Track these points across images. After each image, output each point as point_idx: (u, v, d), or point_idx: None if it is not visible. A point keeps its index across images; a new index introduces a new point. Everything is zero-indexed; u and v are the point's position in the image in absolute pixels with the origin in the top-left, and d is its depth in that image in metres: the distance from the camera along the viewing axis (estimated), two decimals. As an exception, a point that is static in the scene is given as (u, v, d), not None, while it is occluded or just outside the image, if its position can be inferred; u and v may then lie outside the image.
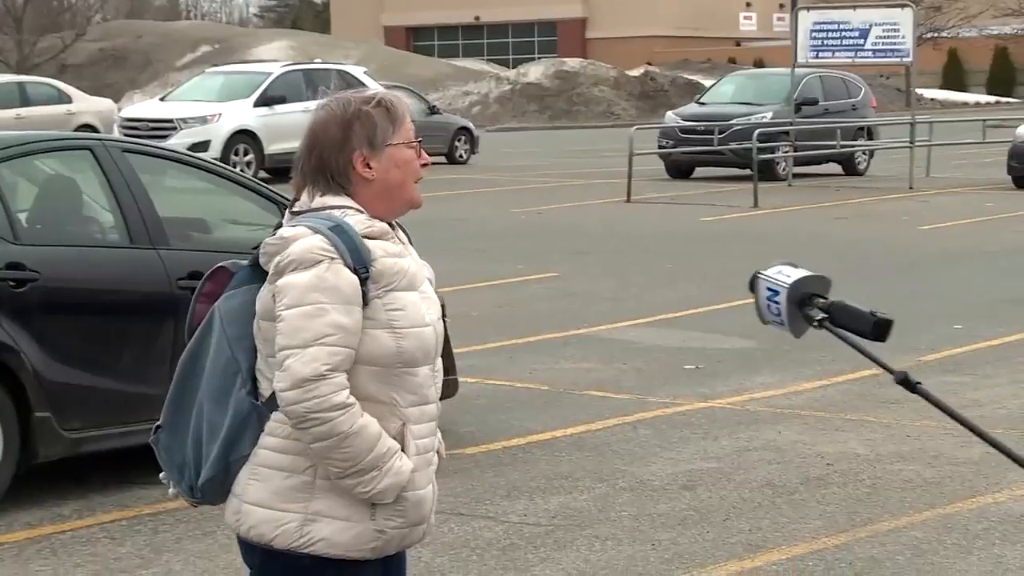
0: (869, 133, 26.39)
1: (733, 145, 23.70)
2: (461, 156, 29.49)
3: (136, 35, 56.63)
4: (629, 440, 7.78)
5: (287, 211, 3.11)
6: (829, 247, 15.89)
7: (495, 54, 68.88)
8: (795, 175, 24.03)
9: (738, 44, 69.70)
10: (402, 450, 3.04)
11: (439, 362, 3.16)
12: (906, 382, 2.94)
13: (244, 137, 24.12)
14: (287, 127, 24.22)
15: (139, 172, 7.04)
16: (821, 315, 3.03)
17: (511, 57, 67.08)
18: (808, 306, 3.05)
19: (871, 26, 24.30)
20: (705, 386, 9.09)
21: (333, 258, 2.96)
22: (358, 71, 26.92)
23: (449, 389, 7.93)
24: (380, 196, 3.08)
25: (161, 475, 3.18)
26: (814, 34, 24.60)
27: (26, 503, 6.53)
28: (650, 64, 57.20)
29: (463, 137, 29.72)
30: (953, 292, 12.81)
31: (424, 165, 3.15)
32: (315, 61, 30.91)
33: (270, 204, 7.38)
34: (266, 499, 3.01)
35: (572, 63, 50.90)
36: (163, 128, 24.03)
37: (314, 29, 70.40)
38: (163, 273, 6.83)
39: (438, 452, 3.20)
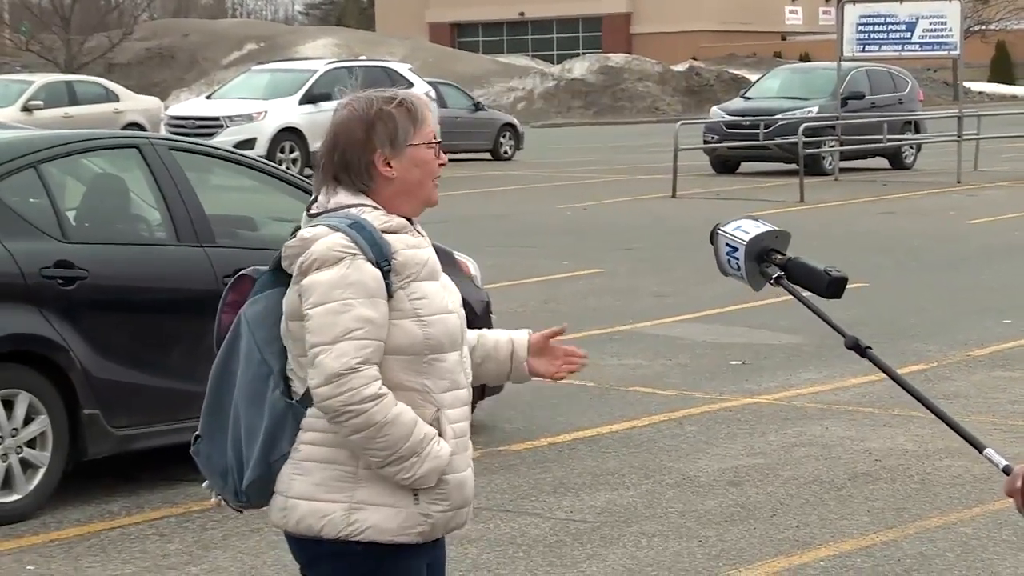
0: (916, 127, 26.19)
1: (779, 140, 23.58)
2: (506, 152, 29.48)
3: (182, 34, 56.96)
4: (675, 436, 7.76)
5: (304, 213, 3.17)
6: (876, 242, 15.79)
7: (540, 50, 68.84)
8: (841, 170, 23.89)
9: (784, 38, 69.35)
10: (440, 435, 3.10)
11: (466, 349, 3.23)
12: (856, 347, 2.95)
13: (290, 134, 24.21)
14: (332, 124, 24.28)
15: (186, 170, 7.08)
16: (778, 272, 3.03)
17: (555, 53, 67.01)
18: (766, 262, 3.04)
19: (918, 19, 24.12)
20: (751, 382, 9.05)
21: (355, 254, 3.03)
22: (403, 68, 26.98)
23: (495, 386, 7.94)
24: (399, 195, 3.14)
25: (204, 484, 3.24)
26: (860, 27, 24.44)
27: (76, 500, 6.58)
28: (695, 59, 57.01)
29: (508, 133, 29.72)
30: (1002, 287, 12.70)
31: (442, 165, 3.19)
32: (360, 58, 30.98)
33: (316, 201, 7.38)
34: (311, 491, 3.07)
35: (617, 58, 50.80)
36: (209, 126, 24.16)
37: (359, 26, 70.59)
38: (210, 271, 6.87)
39: None
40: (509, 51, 67.44)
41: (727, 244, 3.08)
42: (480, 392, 7.88)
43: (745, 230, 3.07)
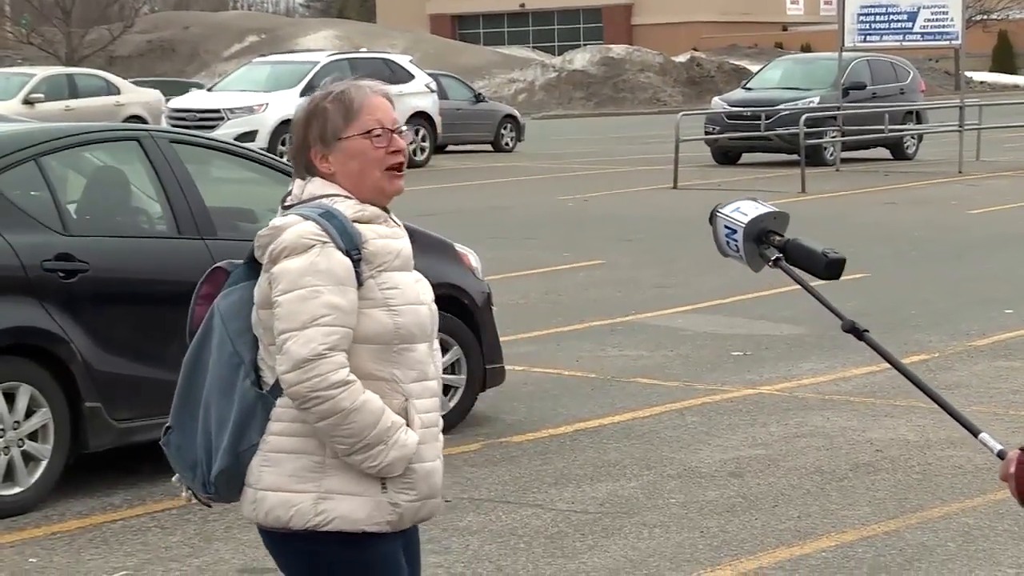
0: (918, 117, 26.17)
1: (780, 130, 23.56)
2: (507, 144, 29.47)
3: (183, 26, 56.94)
4: (677, 427, 7.76)
5: (280, 205, 3.19)
6: (878, 232, 15.78)
7: (541, 41, 68.78)
8: (843, 160, 23.86)
9: (785, 29, 69.28)
10: (407, 424, 3.11)
11: (437, 341, 3.24)
12: (854, 330, 2.96)
13: (287, 127, 24.20)
14: (333, 116, 24.29)
15: (186, 162, 7.07)
16: (776, 254, 3.04)
17: (556, 44, 66.97)
18: (764, 244, 3.05)
19: (919, 9, 24.09)
20: (753, 372, 9.05)
21: (325, 242, 3.06)
22: (404, 60, 26.96)
23: (496, 377, 7.95)
24: (350, 186, 3.15)
25: (174, 478, 3.25)
26: (861, 18, 24.41)
27: (77, 493, 6.58)
28: (696, 50, 56.96)
29: (509, 125, 29.70)
30: (1004, 276, 12.69)
31: (395, 152, 3.16)
32: (361, 50, 30.97)
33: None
34: (279, 482, 3.09)
35: (618, 49, 50.76)
36: (210, 118, 24.16)
37: (360, 18, 70.54)
38: (210, 263, 6.81)
39: None
40: (510, 42, 67.38)
41: (726, 226, 3.08)
42: (482, 383, 7.88)
43: (744, 212, 3.08)
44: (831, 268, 3.01)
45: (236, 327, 3.13)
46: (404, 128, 3.20)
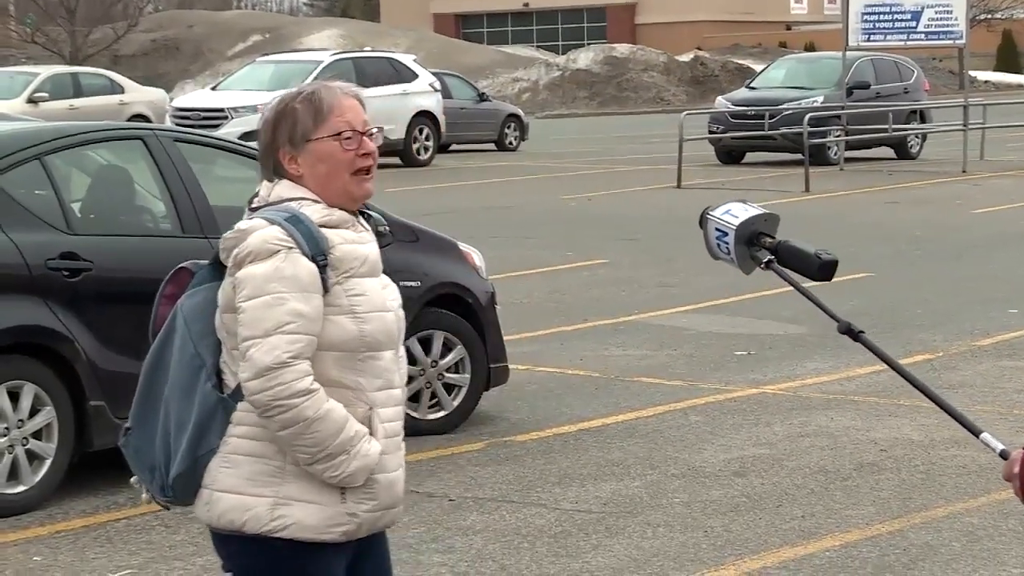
0: (922, 116, 26.14)
1: (784, 130, 23.55)
2: (511, 143, 29.47)
3: (187, 25, 56.96)
4: (680, 427, 7.76)
5: (247, 207, 3.16)
6: (881, 232, 15.77)
7: (544, 40, 68.77)
8: (847, 159, 23.85)
9: (789, 28, 69.24)
10: (371, 433, 3.07)
11: (403, 348, 3.20)
12: (850, 331, 2.95)
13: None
14: (337, 115, 24.28)
15: (190, 161, 7.08)
16: (768, 256, 3.02)
17: (560, 43, 66.94)
18: (756, 246, 3.04)
19: (923, 8, 24.07)
20: (756, 372, 9.05)
21: (290, 248, 3.01)
22: (407, 59, 26.96)
23: (500, 376, 7.95)
24: (318, 189, 3.11)
25: (132, 479, 3.22)
26: (865, 17, 24.39)
27: (81, 492, 6.59)
28: (700, 49, 56.94)
29: (512, 124, 29.70)
30: (1008, 276, 12.68)
31: (364, 155, 3.12)
32: (365, 49, 30.96)
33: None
34: (237, 485, 3.05)
35: (622, 49, 50.74)
36: (214, 117, 24.16)
37: (363, 17, 70.54)
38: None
39: None
40: (514, 42, 67.38)
41: (717, 228, 3.07)
42: (486, 382, 7.88)
43: (734, 214, 3.06)
44: (824, 270, 2.99)
45: (199, 329, 3.09)
46: (375, 130, 3.16)
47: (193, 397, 3.07)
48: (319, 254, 3.02)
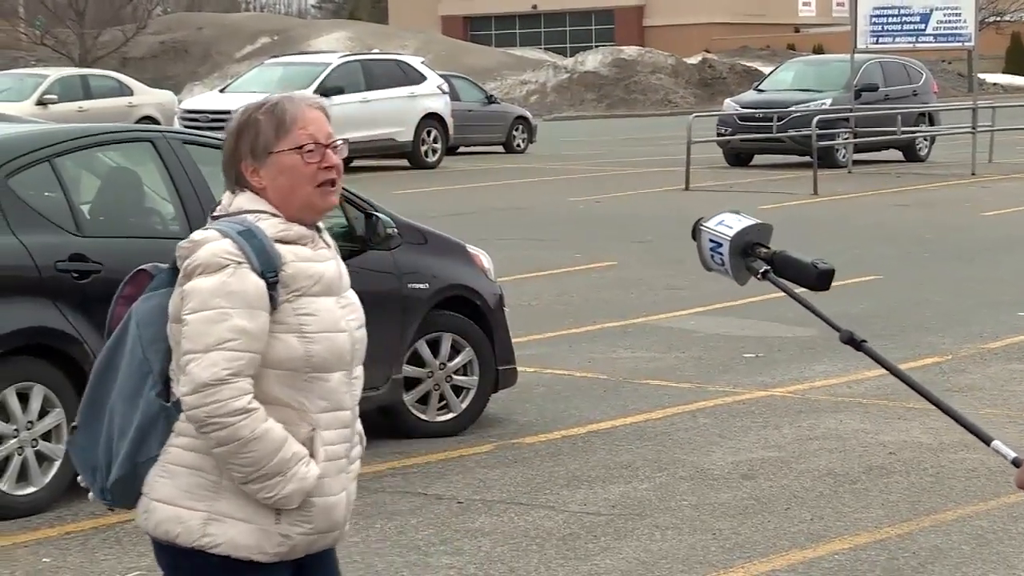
0: (930, 119, 26.12)
1: (792, 132, 23.53)
2: (519, 145, 29.47)
3: (196, 27, 57.02)
4: (689, 429, 7.75)
5: (209, 215, 3.13)
6: (889, 234, 15.75)
7: (552, 43, 68.77)
8: (855, 162, 23.83)
9: (797, 30, 69.20)
10: (311, 456, 3.03)
11: (359, 370, 3.14)
12: (852, 341, 2.92)
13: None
14: (345, 118, 24.29)
15: (199, 163, 7.08)
16: (764, 267, 3.00)
17: (568, 46, 66.94)
18: (751, 256, 3.02)
19: (932, 10, 24.05)
20: (765, 375, 9.04)
21: (240, 263, 2.97)
22: (416, 61, 26.97)
23: (508, 379, 7.95)
24: (279, 202, 3.07)
25: (79, 478, 3.20)
26: (874, 19, 24.37)
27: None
28: (708, 51, 56.91)
29: (521, 126, 29.70)
30: (1016, 279, 12.66)
31: (328, 168, 3.07)
32: (373, 51, 30.98)
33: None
34: (172, 496, 3.03)
35: (630, 51, 50.73)
36: (223, 120, 24.14)
37: (371, 19, 70.60)
38: (224, 264, 6.86)
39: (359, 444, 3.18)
40: (522, 44, 67.38)
41: (711, 239, 3.04)
42: (494, 385, 7.89)
43: (728, 224, 3.03)
44: (822, 279, 2.97)
45: (149, 334, 3.05)
46: (339, 142, 3.12)
47: (137, 403, 3.04)
48: (269, 270, 2.98)
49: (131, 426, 3.04)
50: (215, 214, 3.11)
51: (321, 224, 3.13)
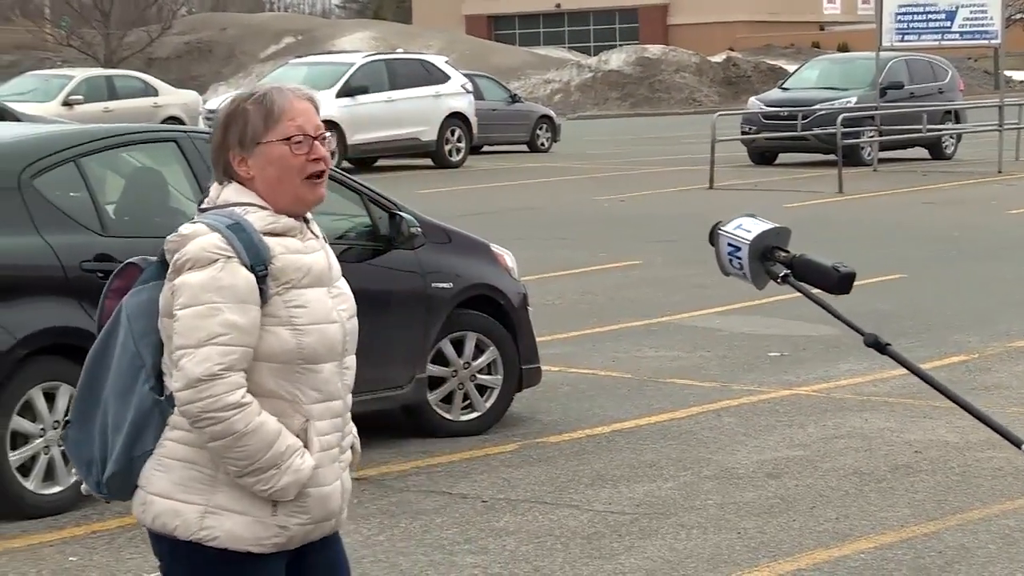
0: (956, 117, 26.00)
1: (817, 130, 23.45)
2: (543, 144, 29.47)
3: (220, 28, 57.19)
4: (713, 428, 7.74)
5: (196, 207, 3.14)
6: (915, 233, 15.69)
7: (576, 42, 68.74)
8: (880, 160, 23.74)
9: (822, 28, 69.00)
10: (305, 447, 3.04)
11: (350, 359, 3.15)
12: (876, 344, 2.91)
13: (327, 127, 24.22)
14: (370, 117, 24.35)
15: (224, 163, 7.09)
16: (784, 271, 2.99)
17: (592, 44, 66.90)
18: (770, 260, 3.01)
19: (958, 8, 23.94)
20: (790, 373, 9.02)
21: (229, 257, 2.98)
22: (440, 60, 26.99)
23: (532, 378, 7.95)
24: (267, 193, 3.07)
25: (74, 472, 3.22)
26: (899, 17, 24.28)
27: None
28: (732, 50, 56.79)
29: (544, 125, 29.69)
30: (1044, 277, 12.59)
31: (316, 160, 3.08)
32: (397, 51, 31.02)
33: (353, 194, 7.41)
34: (168, 489, 3.04)
35: (654, 50, 50.66)
36: (247, 120, 24.20)
37: (396, 19, 70.69)
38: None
39: (352, 448, 3.20)
40: (546, 43, 67.36)
41: (729, 244, 3.03)
42: (518, 384, 7.88)
43: (747, 228, 3.02)
44: (843, 283, 2.96)
45: (140, 328, 3.06)
46: (328, 135, 3.14)
47: (131, 397, 3.05)
48: (259, 264, 2.98)
49: (126, 420, 3.05)
50: (202, 206, 3.11)
51: (309, 215, 3.14)
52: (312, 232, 3.13)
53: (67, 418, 3.23)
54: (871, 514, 6.21)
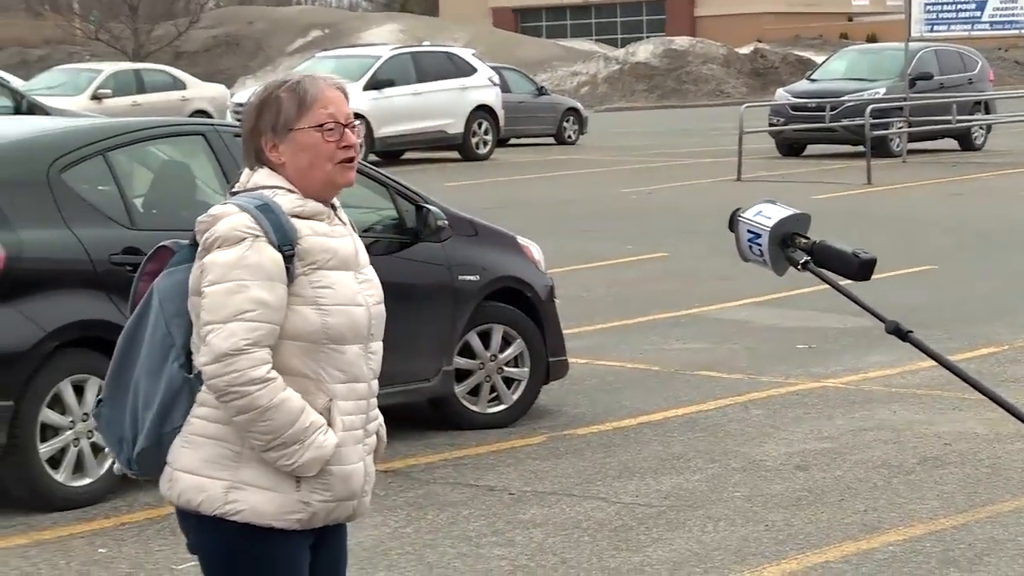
0: (986, 107, 25.86)
1: (846, 122, 23.38)
2: (570, 137, 29.43)
3: (247, 21, 57.31)
4: (741, 420, 7.72)
5: (227, 191, 3.23)
6: (945, 224, 15.62)
7: (603, 34, 68.62)
8: (910, 151, 23.64)
9: (850, 19, 68.70)
10: (328, 425, 3.10)
11: (376, 345, 3.20)
12: (897, 331, 2.90)
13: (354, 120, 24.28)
14: (397, 110, 24.36)
15: (251, 157, 7.11)
16: (804, 257, 2.99)
17: (619, 36, 66.77)
18: (790, 247, 3.01)
19: (987, -2, 23.80)
20: (818, 365, 8.99)
21: (257, 236, 3.06)
22: (466, 53, 26.98)
23: (559, 370, 7.94)
24: (297, 179, 3.15)
25: (107, 449, 3.28)
26: (928, 7, 24.17)
27: (146, 484, 6.57)
28: (760, 41, 56.60)
29: (571, 118, 29.65)
30: (1074, 268, 12.52)
31: (346, 147, 3.15)
32: (424, 44, 31.04)
33: (380, 187, 7.42)
34: (195, 466, 3.11)
35: (681, 41, 50.54)
36: (275, 113, 24.24)
37: (423, 12, 70.71)
38: (276, 256, 6.89)
39: (378, 435, 3.25)
40: (572, 35, 67.29)
41: (749, 230, 3.03)
42: (545, 376, 7.88)
43: (767, 215, 3.02)
44: (864, 269, 2.95)
45: (172, 309, 3.13)
46: (357, 123, 3.20)
47: (161, 376, 3.12)
48: (286, 243, 3.06)
49: (156, 399, 3.12)
50: (233, 190, 3.20)
51: (336, 201, 3.21)
52: (340, 219, 3.19)
53: (99, 397, 3.30)
54: (900, 506, 6.19)
